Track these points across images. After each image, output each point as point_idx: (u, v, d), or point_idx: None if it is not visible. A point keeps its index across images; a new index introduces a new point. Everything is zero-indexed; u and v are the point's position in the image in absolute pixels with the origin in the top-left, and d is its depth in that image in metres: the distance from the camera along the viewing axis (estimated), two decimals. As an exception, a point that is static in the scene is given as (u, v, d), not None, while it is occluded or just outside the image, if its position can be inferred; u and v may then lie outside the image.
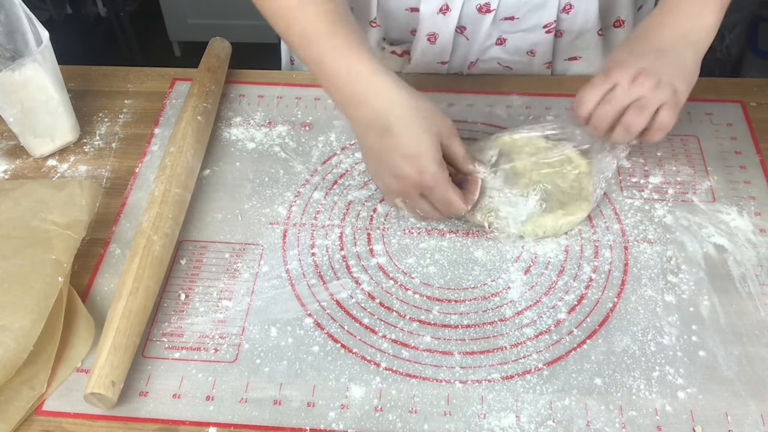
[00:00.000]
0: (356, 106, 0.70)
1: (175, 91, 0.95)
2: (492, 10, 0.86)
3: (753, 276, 0.73)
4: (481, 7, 0.86)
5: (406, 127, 0.68)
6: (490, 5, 0.86)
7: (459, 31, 0.90)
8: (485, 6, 0.86)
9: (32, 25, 0.81)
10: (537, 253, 0.76)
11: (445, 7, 0.86)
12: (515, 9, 0.87)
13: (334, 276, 0.74)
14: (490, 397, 0.65)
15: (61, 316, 0.67)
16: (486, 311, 0.71)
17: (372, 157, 0.72)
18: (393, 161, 0.69)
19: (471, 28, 0.90)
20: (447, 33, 0.90)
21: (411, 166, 0.68)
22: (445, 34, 0.90)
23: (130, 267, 0.69)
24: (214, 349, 0.68)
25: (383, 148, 0.69)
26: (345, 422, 0.63)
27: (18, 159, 0.86)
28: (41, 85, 0.80)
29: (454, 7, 0.86)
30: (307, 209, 0.80)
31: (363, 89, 0.69)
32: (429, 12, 0.87)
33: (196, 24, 2.32)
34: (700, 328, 0.69)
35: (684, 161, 0.84)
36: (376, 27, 0.92)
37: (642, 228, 0.78)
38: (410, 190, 0.70)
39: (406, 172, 0.68)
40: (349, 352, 0.68)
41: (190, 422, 0.64)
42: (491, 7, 0.86)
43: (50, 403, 0.65)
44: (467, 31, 0.90)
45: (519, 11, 0.88)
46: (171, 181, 0.77)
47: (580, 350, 0.68)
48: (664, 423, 0.63)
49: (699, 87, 0.93)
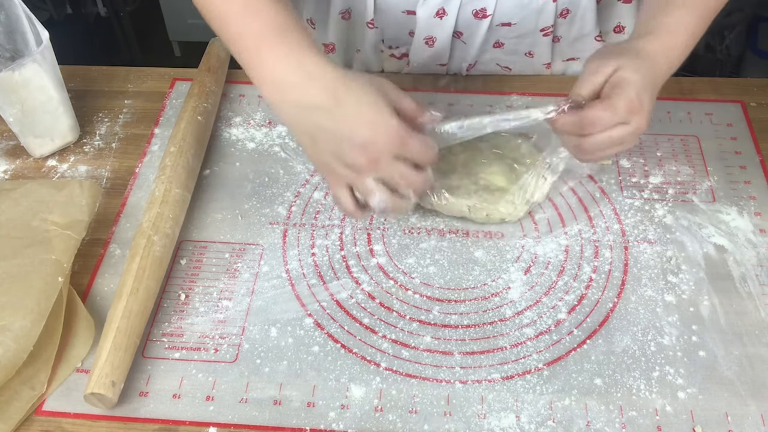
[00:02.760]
0: (295, 87, 0.65)
1: (175, 91, 0.95)
2: (488, 15, 0.86)
3: (753, 276, 0.73)
4: (477, 12, 0.86)
5: (357, 95, 0.64)
6: (486, 10, 0.86)
7: (456, 36, 0.90)
8: (481, 11, 0.86)
9: (32, 25, 0.81)
10: (537, 253, 0.76)
11: (442, 11, 0.86)
12: (512, 14, 0.87)
13: (334, 276, 0.74)
14: (490, 397, 0.65)
15: (61, 316, 0.67)
16: (486, 311, 0.71)
17: (322, 140, 0.66)
18: (354, 132, 0.64)
19: (467, 32, 0.89)
20: (444, 37, 0.89)
21: (376, 130, 0.64)
22: (442, 37, 0.89)
23: (130, 267, 0.69)
24: (214, 349, 0.68)
25: (337, 124, 0.64)
26: (345, 422, 0.63)
27: (18, 159, 0.86)
28: (41, 85, 0.80)
29: (451, 11, 0.86)
30: (307, 209, 0.80)
31: (303, 70, 0.65)
32: (425, 15, 0.87)
33: (196, 24, 2.31)
34: (700, 328, 0.69)
35: (684, 161, 0.84)
36: (374, 29, 0.92)
37: (642, 228, 0.78)
38: (382, 156, 0.64)
39: (372, 138, 0.64)
40: (349, 352, 0.68)
41: (190, 422, 0.64)
42: (487, 12, 0.86)
43: (50, 403, 0.65)
44: (464, 36, 0.90)
45: (515, 16, 0.87)
46: (171, 181, 0.77)
47: (580, 350, 0.68)
48: (664, 423, 0.63)
49: (699, 87, 0.94)
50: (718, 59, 2.00)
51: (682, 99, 0.92)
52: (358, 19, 0.93)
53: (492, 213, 0.77)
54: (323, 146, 0.66)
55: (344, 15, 0.94)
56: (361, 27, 0.93)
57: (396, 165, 0.65)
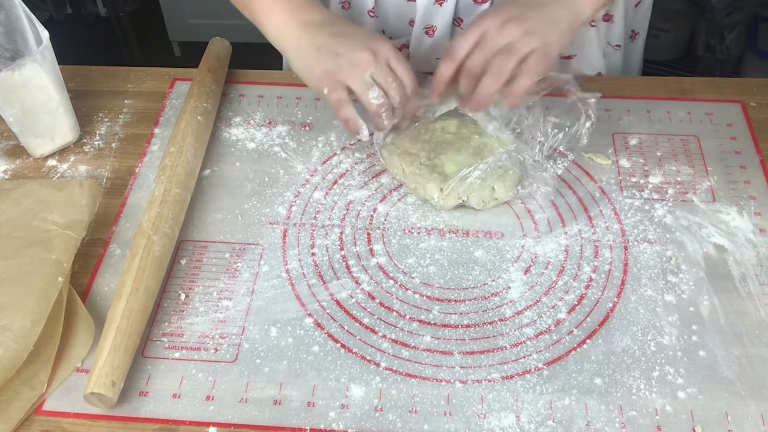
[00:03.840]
0: (303, 8, 0.78)
1: (175, 91, 0.95)
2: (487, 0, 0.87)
3: (753, 276, 0.73)
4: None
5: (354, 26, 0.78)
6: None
7: (456, 24, 0.91)
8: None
9: (32, 25, 0.81)
10: (537, 253, 0.76)
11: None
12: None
13: (334, 276, 0.74)
14: (490, 397, 0.65)
15: (61, 316, 0.67)
16: (486, 311, 0.71)
17: (329, 45, 0.75)
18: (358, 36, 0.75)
19: (467, 20, 0.90)
20: (444, 25, 0.90)
21: (377, 39, 0.75)
22: (442, 26, 0.90)
23: (130, 267, 0.69)
24: (214, 349, 0.68)
25: (345, 29, 0.76)
26: (345, 422, 0.63)
27: (18, 159, 0.86)
28: (41, 85, 0.80)
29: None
30: (307, 209, 0.80)
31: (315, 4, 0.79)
32: (425, 2, 0.87)
33: (196, 24, 2.32)
34: (700, 328, 0.69)
35: (684, 161, 0.84)
36: (374, 17, 0.92)
37: (642, 228, 0.78)
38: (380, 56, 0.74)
39: (374, 42, 0.74)
40: (349, 352, 0.68)
41: (190, 422, 0.64)
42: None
43: (50, 403, 0.65)
44: (464, 23, 0.91)
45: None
46: (171, 181, 0.77)
47: (580, 350, 0.68)
48: (664, 423, 0.63)
49: (699, 87, 0.94)
50: (718, 59, 2.01)
51: (682, 99, 0.92)
52: (358, 8, 0.93)
53: (419, 189, 0.79)
54: (328, 52, 0.75)
55: (344, 5, 0.94)
56: (361, 16, 0.94)
57: (390, 72, 0.74)
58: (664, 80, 0.97)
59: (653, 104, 0.91)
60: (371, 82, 0.74)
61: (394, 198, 0.81)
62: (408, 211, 0.80)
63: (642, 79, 0.98)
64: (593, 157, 0.85)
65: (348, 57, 0.74)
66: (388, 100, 0.75)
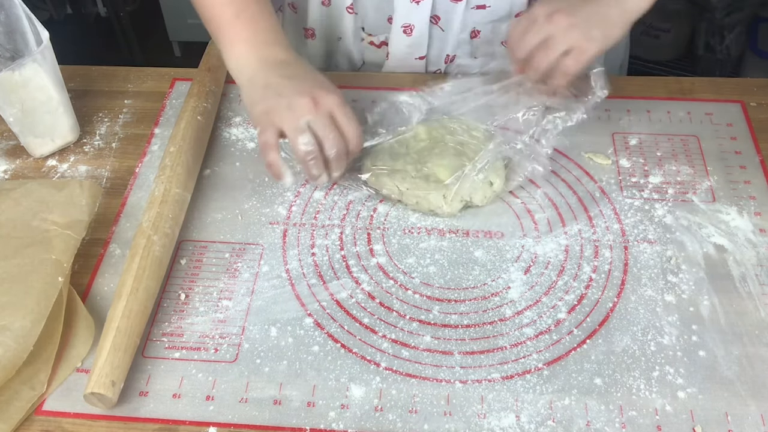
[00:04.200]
0: (267, 45, 0.78)
1: (175, 91, 0.95)
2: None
3: (753, 276, 0.73)
4: None
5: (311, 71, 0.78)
6: None
7: (433, 21, 0.91)
8: None
9: (32, 25, 0.81)
10: (537, 253, 0.76)
11: None
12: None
13: (334, 276, 0.74)
14: (490, 397, 0.65)
15: (61, 316, 0.67)
16: (486, 311, 0.71)
17: (274, 85, 0.75)
18: (307, 81, 0.75)
19: (445, 17, 0.91)
20: (422, 23, 0.91)
21: (326, 87, 0.75)
22: (420, 24, 0.91)
23: (130, 267, 0.69)
24: (214, 349, 0.68)
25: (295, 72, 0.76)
26: (345, 422, 0.63)
27: (18, 159, 0.86)
28: (41, 85, 0.80)
29: None
30: (307, 209, 0.80)
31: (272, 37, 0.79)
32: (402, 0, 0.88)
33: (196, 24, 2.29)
34: (700, 328, 0.69)
35: (684, 161, 0.84)
36: (353, 14, 0.93)
37: (642, 228, 0.78)
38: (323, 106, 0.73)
39: (320, 90, 0.74)
40: (349, 352, 0.68)
41: (190, 422, 0.64)
42: None
43: (50, 403, 0.65)
44: (441, 21, 0.92)
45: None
46: (171, 181, 0.77)
47: (580, 350, 0.68)
48: (664, 423, 0.63)
49: (699, 87, 0.94)
50: (718, 59, 2.00)
51: (682, 99, 0.92)
52: (337, 4, 0.93)
53: (422, 201, 0.78)
54: (273, 92, 0.74)
55: (324, 1, 0.94)
56: (340, 12, 0.94)
57: (330, 123, 0.73)
58: (664, 80, 0.97)
59: (653, 104, 0.91)
60: (305, 128, 0.72)
61: (394, 198, 0.81)
62: (408, 211, 0.80)
63: (642, 79, 0.98)
64: (593, 157, 0.85)
65: (288, 100, 0.73)
66: (319, 150, 0.73)
